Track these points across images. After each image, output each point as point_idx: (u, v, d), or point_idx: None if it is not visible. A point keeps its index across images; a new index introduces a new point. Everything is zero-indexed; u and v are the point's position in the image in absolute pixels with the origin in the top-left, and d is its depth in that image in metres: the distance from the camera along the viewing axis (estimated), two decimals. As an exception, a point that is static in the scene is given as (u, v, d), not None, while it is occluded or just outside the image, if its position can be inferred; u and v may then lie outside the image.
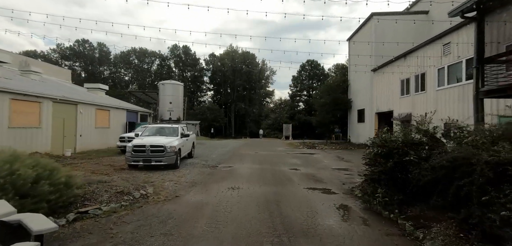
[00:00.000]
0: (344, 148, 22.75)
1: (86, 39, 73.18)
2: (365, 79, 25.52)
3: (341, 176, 10.25)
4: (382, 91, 21.50)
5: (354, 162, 14.42)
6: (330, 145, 25.62)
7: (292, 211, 5.90)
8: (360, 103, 26.61)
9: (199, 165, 12.36)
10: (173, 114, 26.62)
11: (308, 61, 53.37)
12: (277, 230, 4.84)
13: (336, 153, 18.82)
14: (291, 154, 17.80)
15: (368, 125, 24.46)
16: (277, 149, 22.26)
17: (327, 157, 16.62)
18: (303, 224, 5.19)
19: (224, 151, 19.72)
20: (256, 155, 17.17)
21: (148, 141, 10.58)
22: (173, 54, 76.18)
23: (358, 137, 26.80)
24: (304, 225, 5.14)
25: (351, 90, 29.39)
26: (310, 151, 20.63)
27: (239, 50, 77.94)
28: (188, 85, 78.67)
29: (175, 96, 26.87)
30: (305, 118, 49.18)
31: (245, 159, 14.78)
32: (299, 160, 14.67)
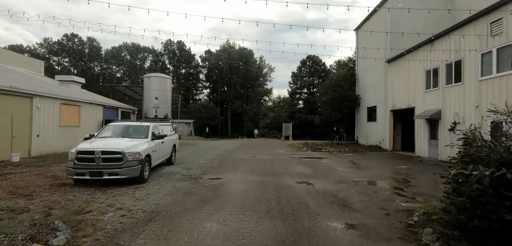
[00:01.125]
0: (354, 151, 19.79)
1: (75, 34, 69.63)
2: (377, 73, 22.56)
3: (374, 196, 7.24)
4: (399, 85, 18.55)
5: (375, 169, 11.43)
6: (336, 147, 22.65)
7: None
8: (371, 99, 23.67)
9: (178, 176, 9.30)
10: (160, 111, 23.46)
11: (309, 56, 50.40)
12: None
13: (347, 157, 15.84)
14: (295, 159, 14.79)
15: (381, 124, 21.52)
16: (277, 151, 19.25)
17: (339, 163, 13.62)
18: None
19: (216, 154, 16.66)
20: (254, 160, 14.13)
21: (99, 146, 7.48)
22: (167, 49, 72.87)
23: (367, 138, 23.87)
24: None
25: (359, 85, 26.44)
26: (316, 154, 17.63)
27: (236, 46, 74.94)
28: (182, 82, 75.50)
29: (162, 91, 23.69)
30: (305, 117, 46.24)
31: (239, 167, 11.74)
32: (307, 168, 11.65)
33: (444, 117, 13.98)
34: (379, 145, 21.38)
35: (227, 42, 75.08)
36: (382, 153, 18.51)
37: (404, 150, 19.54)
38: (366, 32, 24.32)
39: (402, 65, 18.21)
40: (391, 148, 19.76)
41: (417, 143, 16.45)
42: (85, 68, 69.93)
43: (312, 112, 48.83)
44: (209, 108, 61.52)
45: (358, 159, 15.19)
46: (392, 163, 13.67)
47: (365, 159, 15.32)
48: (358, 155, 17.53)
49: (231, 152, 18.23)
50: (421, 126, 15.95)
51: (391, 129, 19.77)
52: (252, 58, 73.98)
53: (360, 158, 15.88)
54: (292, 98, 52.13)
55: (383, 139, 20.95)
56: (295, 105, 50.78)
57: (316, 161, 14.03)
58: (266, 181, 8.78)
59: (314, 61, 50.20)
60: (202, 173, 10.08)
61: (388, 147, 19.97)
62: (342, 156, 16.81)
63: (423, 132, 15.80)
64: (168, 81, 24.92)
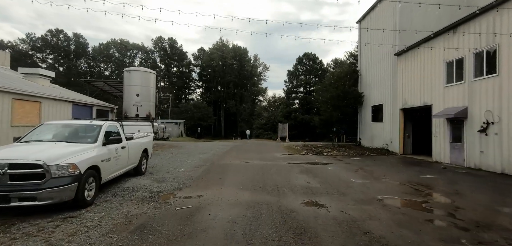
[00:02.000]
0: (359, 154, 17.56)
1: (60, 29, 66.27)
2: (383, 67, 20.40)
3: (422, 229, 4.92)
4: (412, 80, 16.38)
5: (395, 179, 9.11)
6: (338, 149, 20.41)
7: None
8: (376, 97, 21.50)
9: (142, 193, 6.85)
10: (141, 109, 20.92)
11: (306, 54, 48.34)
12: None
13: (356, 163, 13.57)
14: (296, 166, 12.44)
15: (389, 124, 19.35)
16: (274, 155, 16.89)
17: (349, 170, 11.32)
18: None
19: (202, 159, 14.20)
20: (246, 167, 11.73)
21: (6, 155, 4.96)
22: (158, 46, 69.94)
23: (372, 140, 21.69)
24: None
25: (362, 82, 24.28)
26: (319, 159, 15.32)
27: (229, 44, 72.54)
28: (174, 80, 72.62)
29: (145, 87, 21.17)
30: (302, 117, 44.09)
31: (228, 177, 9.33)
32: (313, 179, 9.30)
33: (472, 116, 11.81)
34: (386, 147, 19.20)
35: (221, 40, 72.65)
36: (393, 158, 16.30)
37: (416, 153, 17.39)
38: (371, 24, 22.19)
39: (415, 57, 16.04)
40: (401, 151, 17.59)
41: (435, 146, 14.28)
42: (71, 65, 66.62)
43: (309, 112, 46.70)
44: (201, 107, 58.88)
45: (369, 165, 12.92)
46: (411, 171, 11.41)
47: (376, 165, 13.05)
48: (366, 159, 15.27)
49: (220, 156, 15.80)
50: (441, 127, 13.78)
51: (401, 130, 17.60)
52: (246, 56, 71.61)
53: (370, 163, 13.62)
54: (288, 98, 49.89)
55: (391, 141, 18.77)
56: (291, 104, 48.57)
57: (321, 169, 11.70)
58: (261, 201, 6.38)
59: (310, 59, 48.08)
60: (177, 187, 7.63)
61: (397, 150, 17.79)
62: (348, 161, 14.53)
63: (443, 134, 13.63)
64: (152, 77, 22.36)
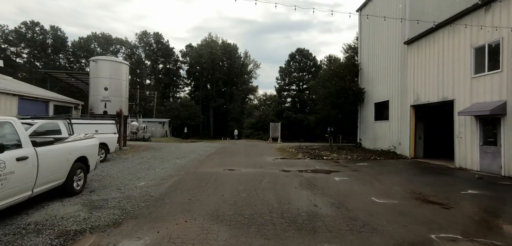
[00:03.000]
0: (364, 158, 15.14)
1: (36, 22, 61.81)
2: (389, 59, 18.06)
3: None
4: (426, 72, 14.02)
5: (425, 192, 6.53)
6: (338, 152, 17.94)
7: None
8: (380, 93, 19.15)
9: (42, 239, 4.05)
10: (111, 105, 17.90)
11: (298, 49, 45.94)
12: None
13: (365, 171, 11.07)
14: (294, 175, 9.81)
15: (396, 123, 17.00)
16: (265, 160, 14.25)
17: (362, 182, 8.77)
18: None
19: (177, 166, 11.40)
20: (230, 178, 9.01)
21: None
22: (142, 41, 66.24)
23: (376, 141, 19.33)
24: None
25: (363, 76, 21.92)
26: (319, 165, 12.76)
27: (219, 40, 69.56)
28: (160, 77, 69.07)
29: (115, 80, 18.16)
30: (295, 116, 41.63)
31: (201, 198, 6.57)
32: (321, 199, 6.66)
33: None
34: (393, 150, 16.85)
35: (210, 36, 69.60)
36: (404, 163, 13.92)
37: (428, 157, 15.08)
38: (373, 11, 19.84)
39: (430, 45, 13.69)
40: (412, 154, 15.24)
41: (458, 149, 11.92)
42: (48, 60, 62.26)
43: (302, 110, 44.33)
44: (188, 106, 55.68)
45: (382, 173, 10.43)
46: (441, 183, 8.96)
47: (392, 173, 10.58)
48: (375, 165, 12.81)
49: (201, 162, 13.03)
50: (467, 126, 11.42)
51: (412, 130, 15.25)
52: (236, 53, 68.79)
53: (383, 171, 11.14)
54: (280, 96, 47.38)
55: (399, 143, 16.42)
56: (283, 103, 46.08)
57: (326, 180, 9.09)
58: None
59: (303, 55, 45.72)
60: (115, 221, 4.86)
61: (407, 153, 15.44)
62: (355, 167, 12.01)
63: (470, 135, 11.27)
64: (124, 68, 19.30)
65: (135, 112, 36.97)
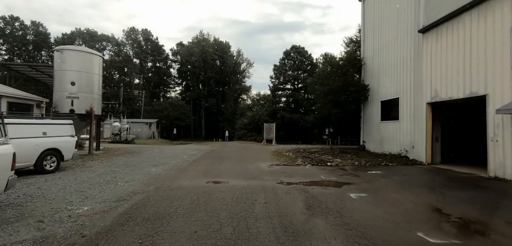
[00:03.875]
0: (373, 164, 13.04)
1: (16, 16, 58.29)
2: (398, 51, 16.03)
3: None
4: (447, 64, 11.98)
5: (484, 221, 4.43)
6: (342, 157, 15.81)
7: None
8: (388, 89, 17.10)
9: None
10: (79, 103, 15.37)
11: (293, 46, 43.82)
12: None
13: (385, 183, 8.92)
14: (296, 191, 7.56)
15: (408, 124, 14.96)
16: (259, 166, 11.99)
17: (391, 203, 6.59)
18: None
19: (149, 178, 9.01)
20: (213, 197, 6.69)
21: None
22: (130, 38, 63.20)
23: (382, 143, 17.28)
24: None
25: (367, 72, 19.86)
26: (325, 174, 10.54)
27: (210, 38, 67.06)
28: (149, 76, 66.12)
29: (85, 74, 15.65)
30: (290, 117, 39.48)
31: (157, 245, 4.28)
32: (344, 236, 4.42)
33: None
34: (404, 154, 14.79)
35: (201, 33, 67.02)
36: (423, 170, 11.85)
37: (448, 163, 13.06)
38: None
39: (453, 31, 11.65)
40: (429, 159, 13.19)
41: (494, 155, 9.85)
42: (29, 57, 58.74)
43: (297, 110, 42.23)
44: (177, 106, 52.97)
45: (406, 187, 8.28)
46: (491, 203, 6.85)
47: (417, 186, 8.45)
48: (391, 173, 10.67)
49: (181, 171, 10.68)
50: (507, 128, 9.36)
51: (429, 131, 13.20)
52: (229, 51, 66.39)
53: (404, 182, 9.00)
54: (274, 95, 45.14)
55: (412, 146, 14.36)
56: (277, 102, 43.85)
57: (340, 198, 6.86)
58: None
59: (299, 53, 43.61)
60: None
61: (423, 158, 13.38)
62: (368, 177, 9.84)
63: (511, 138, 9.22)
64: (96, 60, 16.75)
65: (119, 112, 34.29)
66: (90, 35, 59.47)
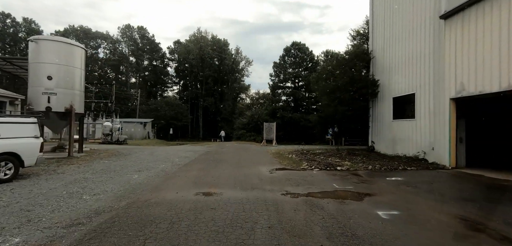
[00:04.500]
0: (390, 168, 11.43)
1: (7, 13, 56.50)
2: (414, 42, 14.42)
3: None
4: (477, 53, 10.37)
5: None
6: (351, 159, 14.18)
7: None
8: (401, 85, 15.49)
9: None
10: (57, 100, 13.69)
11: (294, 43, 42.21)
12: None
13: (417, 194, 7.30)
14: (307, 206, 5.91)
15: (426, 123, 13.36)
16: (260, 172, 10.35)
17: (436, 225, 4.95)
18: None
19: (126, 188, 7.31)
20: (200, 215, 5.05)
21: None
22: (125, 36, 61.41)
23: (395, 144, 15.67)
24: None
25: (376, 66, 18.24)
26: (338, 182, 8.90)
27: (208, 35, 65.33)
28: (146, 75, 64.33)
29: (64, 67, 13.98)
30: (291, 116, 37.91)
31: None
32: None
33: None
34: (422, 156, 13.17)
35: (199, 31, 65.31)
36: (450, 175, 10.25)
37: (475, 167, 11.45)
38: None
39: (484, 15, 10.05)
40: (453, 163, 11.58)
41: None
42: (21, 54, 56.87)
43: (297, 109, 40.66)
44: (174, 105, 51.23)
45: (443, 200, 6.69)
46: None
47: (455, 200, 6.84)
48: (415, 181, 9.05)
49: (168, 178, 9.02)
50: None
51: (453, 131, 11.59)
52: (227, 49, 64.68)
53: (436, 192, 7.40)
54: (274, 94, 43.54)
55: (432, 148, 12.74)
56: (277, 101, 42.24)
57: (367, 219, 5.21)
58: None
59: (300, 49, 42.01)
60: None
61: (446, 161, 11.76)
62: (390, 185, 8.20)
63: None
64: (77, 52, 15.03)
65: (111, 111, 32.59)
66: (84, 32, 57.67)
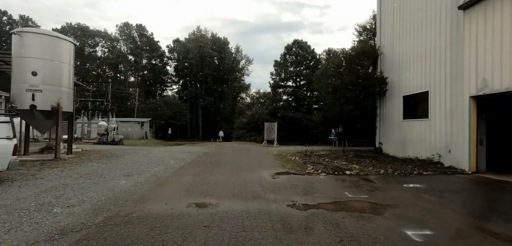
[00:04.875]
0: (404, 173, 10.45)
1: (4, 10, 55.62)
2: (428, 36, 13.41)
3: None
4: (503, 46, 9.36)
5: None
6: (359, 162, 13.20)
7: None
8: (413, 82, 14.49)
9: None
10: (42, 97, 12.71)
11: (295, 41, 41.26)
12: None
13: (447, 207, 6.29)
14: (319, 222, 4.89)
15: (441, 123, 12.36)
16: (263, 177, 9.35)
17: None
18: None
19: (109, 197, 6.24)
20: (190, 236, 4.04)
21: None
22: (124, 34, 60.43)
23: (405, 146, 14.67)
24: None
25: (384, 62, 17.24)
26: (351, 190, 7.89)
27: (208, 34, 64.38)
28: (145, 74, 63.37)
29: (50, 62, 13.00)
30: (292, 115, 36.95)
31: None
32: None
33: None
34: (437, 160, 12.16)
35: (198, 29, 64.37)
36: (472, 181, 9.25)
37: (495, 171, 10.45)
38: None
39: (510, 2, 9.05)
40: (473, 167, 10.58)
41: None
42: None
43: (299, 109, 39.69)
44: (173, 104, 50.25)
45: (479, 214, 5.68)
46: None
47: (499, 214, 5.81)
48: (435, 189, 8.05)
49: (158, 185, 7.99)
50: None
51: (473, 132, 10.59)
52: (227, 48, 63.71)
53: (468, 204, 6.43)
54: (275, 93, 42.54)
55: (448, 150, 11.74)
56: (278, 100, 41.23)
57: (396, 242, 4.22)
58: None
59: (301, 47, 41.02)
60: None
61: (466, 165, 10.76)
62: (409, 194, 7.18)
63: None
64: (65, 46, 14.01)
65: (107, 110, 31.61)
66: (81, 30, 56.69)
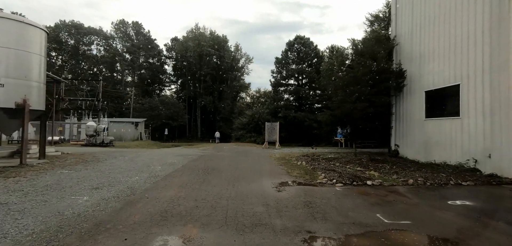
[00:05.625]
0: (437, 183, 8.54)
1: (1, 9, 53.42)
2: (457, 22, 11.47)
3: None
4: None
5: None
6: (377, 168, 11.27)
7: None
8: (438, 75, 12.54)
9: None
10: (6, 92, 10.81)
11: (297, 37, 39.28)
12: None
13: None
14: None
15: (476, 121, 10.42)
16: (265, 190, 7.40)
17: None
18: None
19: (50, 231, 4.30)
20: None
21: None
22: (120, 31, 58.49)
23: (428, 148, 12.70)
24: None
25: (402, 54, 15.29)
26: (381, 210, 5.94)
27: (207, 32, 62.44)
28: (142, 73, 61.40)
29: (14, 52, 11.11)
30: (294, 115, 35.03)
31: None
32: None
33: None
34: (473, 166, 10.23)
35: (197, 27, 62.44)
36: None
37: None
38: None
39: None
40: (523, 176, 8.64)
41: None
42: (9, 52, 54.07)
43: (301, 108, 37.73)
44: (169, 104, 48.27)
45: None
46: None
47: None
48: (493, 207, 6.14)
49: (128, 203, 6.01)
50: None
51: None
52: (226, 45, 61.77)
53: None
54: (276, 91, 40.60)
55: (488, 155, 9.80)
56: (279, 99, 39.29)
57: None
58: None
59: (303, 44, 39.08)
60: None
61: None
62: (462, 217, 5.22)
63: None
64: (35, 34, 12.00)
65: (97, 109, 29.70)
66: (75, 28, 54.76)
